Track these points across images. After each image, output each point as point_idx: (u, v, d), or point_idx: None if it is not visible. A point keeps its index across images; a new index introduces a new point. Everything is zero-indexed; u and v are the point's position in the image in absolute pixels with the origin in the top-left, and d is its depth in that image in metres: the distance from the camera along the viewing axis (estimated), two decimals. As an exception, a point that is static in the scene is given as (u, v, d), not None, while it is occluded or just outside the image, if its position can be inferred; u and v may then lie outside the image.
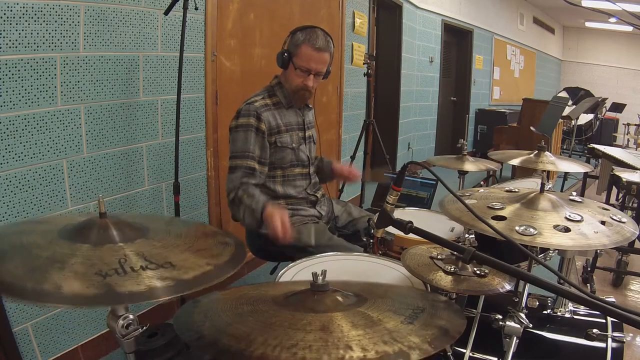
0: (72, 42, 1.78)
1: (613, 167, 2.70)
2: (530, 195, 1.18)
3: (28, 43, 1.63)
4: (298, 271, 1.36)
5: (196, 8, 2.23)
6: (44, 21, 1.67)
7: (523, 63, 9.39)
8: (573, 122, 6.05)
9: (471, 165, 2.11)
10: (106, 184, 1.99)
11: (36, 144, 1.70)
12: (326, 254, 1.50)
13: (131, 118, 2.08)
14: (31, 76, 1.65)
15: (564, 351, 1.23)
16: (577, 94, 8.33)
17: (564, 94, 8.18)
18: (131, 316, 0.79)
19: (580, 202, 1.19)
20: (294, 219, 1.84)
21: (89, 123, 1.89)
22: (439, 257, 1.15)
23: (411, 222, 0.94)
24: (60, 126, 1.77)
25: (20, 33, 1.60)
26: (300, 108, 1.92)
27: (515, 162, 2.00)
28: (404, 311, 0.82)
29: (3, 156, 1.60)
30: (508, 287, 1.07)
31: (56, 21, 1.71)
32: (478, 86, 7.52)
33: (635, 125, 7.29)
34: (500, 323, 1.11)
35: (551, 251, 1.40)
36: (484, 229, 1.00)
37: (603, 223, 1.08)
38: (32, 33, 1.64)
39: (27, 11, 1.61)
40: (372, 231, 1.61)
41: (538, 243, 1.00)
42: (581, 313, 1.30)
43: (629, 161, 2.73)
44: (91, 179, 1.92)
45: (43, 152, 1.73)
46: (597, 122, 8.19)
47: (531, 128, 4.66)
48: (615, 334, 1.17)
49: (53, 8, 1.69)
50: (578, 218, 1.07)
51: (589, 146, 3.19)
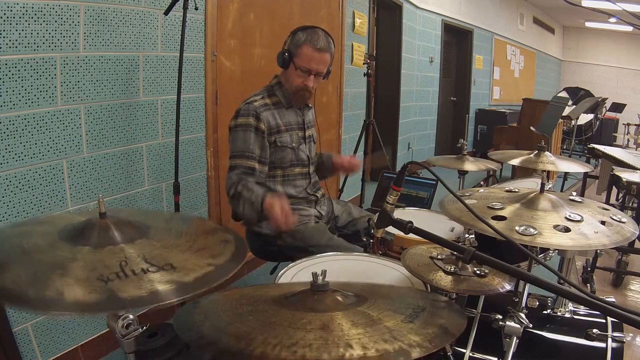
0: (72, 42, 1.78)
1: (613, 167, 2.70)
2: (530, 195, 1.18)
3: (28, 43, 1.63)
4: (298, 271, 1.36)
5: (196, 8, 2.23)
6: (44, 21, 1.67)
7: (523, 63, 9.39)
8: (573, 122, 6.05)
9: (471, 165, 2.11)
10: (106, 184, 1.99)
11: (36, 144, 1.70)
12: (326, 254, 1.50)
13: (131, 118, 2.08)
14: (31, 76, 1.65)
15: (564, 351, 1.23)
16: (577, 94, 8.33)
17: (564, 94, 8.18)
18: (131, 316, 0.79)
19: (580, 202, 1.19)
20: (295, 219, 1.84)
21: (89, 123, 1.89)
22: (439, 257, 1.15)
23: (411, 222, 0.94)
24: (60, 126, 1.77)
25: (20, 33, 1.60)
26: (300, 108, 1.91)
27: (515, 162, 2.00)
28: (404, 310, 0.82)
29: (3, 156, 1.60)
30: (508, 287, 1.07)
31: (56, 21, 1.71)
32: (478, 86, 7.52)
33: (635, 125, 7.29)
34: (500, 323, 1.11)
35: (551, 251, 1.40)
36: (484, 229, 1.00)
37: (603, 223, 1.08)
38: (32, 33, 1.64)
39: (27, 11, 1.61)
40: (372, 231, 1.60)
41: (538, 243, 1.00)
42: (581, 313, 1.30)
43: (629, 161, 2.73)
44: (91, 179, 1.92)
45: (43, 152, 1.73)
46: (597, 122, 8.19)
47: (531, 128, 4.66)
48: (615, 334, 1.17)
49: (53, 8, 1.69)
50: (578, 218, 1.07)
51: (589, 146, 3.19)
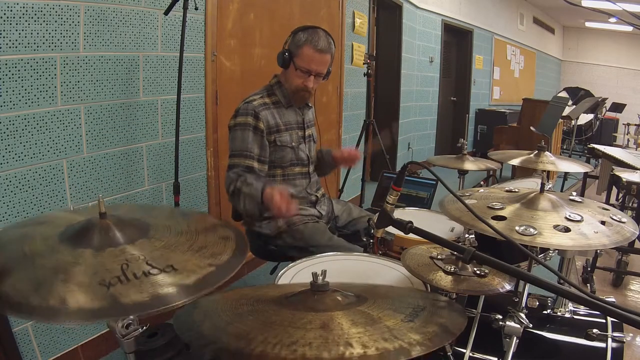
0: (72, 42, 1.78)
1: (613, 167, 2.70)
2: (530, 195, 1.18)
3: (28, 43, 1.63)
4: (298, 271, 1.36)
5: (196, 8, 2.23)
6: (44, 21, 1.67)
7: (523, 63, 9.39)
8: (573, 122, 6.05)
9: (471, 164, 2.11)
10: (106, 184, 1.99)
11: (36, 144, 1.70)
12: (326, 254, 1.50)
13: (131, 118, 2.08)
14: (31, 76, 1.65)
15: (564, 351, 1.23)
16: (577, 94, 8.33)
17: (564, 94, 8.17)
18: (131, 316, 0.79)
19: (580, 202, 1.19)
20: (295, 219, 1.84)
21: (89, 123, 1.89)
22: (439, 257, 1.15)
23: (411, 222, 0.94)
24: (60, 126, 1.77)
25: (20, 33, 1.60)
26: (300, 107, 1.91)
27: (515, 162, 2.00)
28: (405, 310, 0.83)
29: (3, 156, 1.60)
30: (508, 287, 1.07)
31: (56, 21, 1.71)
32: (478, 86, 7.52)
33: (635, 125, 7.29)
34: (500, 323, 1.11)
35: (551, 251, 1.40)
36: (484, 229, 1.00)
37: (603, 223, 1.08)
38: (32, 33, 1.64)
39: (27, 11, 1.61)
40: (372, 231, 1.60)
41: (538, 243, 1.00)
42: (581, 313, 1.30)
43: (629, 161, 2.73)
44: (91, 179, 1.92)
45: (43, 152, 1.73)
46: (597, 122, 8.19)
47: (531, 128, 4.66)
48: (615, 334, 1.16)
49: (53, 8, 1.69)
50: (578, 218, 1.07)
51: (589, 146, 3.19)
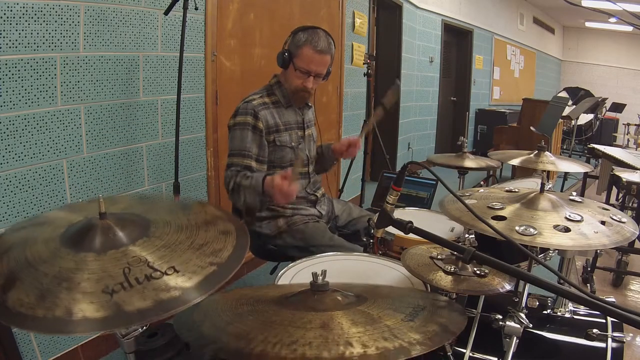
0: (72, 42, 1.78)
1: (613, 167, 2.70)
2: (530, 195, 1.18)
3: (28, 43, 1.63)
4: (298, 271, 1.36)
5: (196, 8, 2.23)
6: (44, 21, 1.67)
7: (523, 63, 9.39)
8: (573, 122, 6.05)
9: (471, 162, 2.11)
10: (106, 184, 1.99)
11: (36, 144, 1.70)
12: (326, 254, 1.50)
13: (131, 118, 2.08)
14: (31, 76, 1.65)
15: (564, 351, 1.22)
16: (577, 94, 8.33)
17: (564, 94, 8.17)
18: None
19: (580, 202, 1.19)
20: (295, 219, 1.84)
21: (89, 123, 1.89)
22: (439, 257, 1.15)
23: (411, 222, 0.94)
24: (60, 126, 1.77)
25: (20, 33, 1.60)
26: (299, 107, 1.91)
27: (515, 162, 2.00)
28: (405, 309, 0.83)
29: (3, 156, 1.60)
30: (508, 287, 1.07)
31: (56, 21, 1.71)
32: (478, 86, 7.52)
33: (635, 125, 7.29)
34: (500, 323, 1.11)
35: (551, 251, 1.40)
36: (484, 229, 1.00)
37: (603, 223, 1.08)
38: (32, 33, 1.64)
39: (27, 11, 1.61)
40: (372, 231, 1.61)
41: (538, 243, 1.00)
42: (581, 313, 1.30)
43: (629, 161, 2.72)
44: (91, 179, 1.92)
45: (43, 152, 1.73)
46: (597, 122, 8.19)
47: (531, 128, 4.66)
48: (615, 334, 1.16)
49: (53, 8, 1.69)
50: (578, 218, 1.07)
51: (589, 146, 3.18)
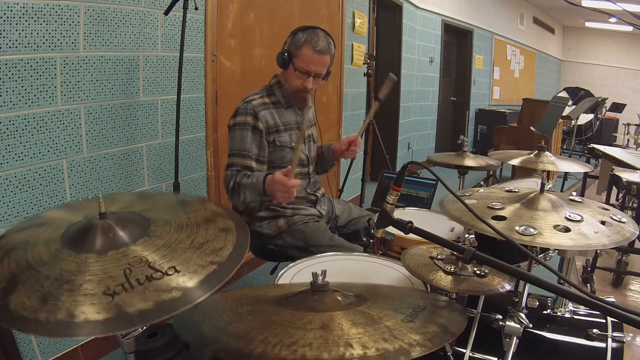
0: (72, 42, 1.78)
1: (613, 167, 2.70)
2: (530, 195, 1.18)
3: (28, 43, 1.63)
4: (298, 271, 1.36)
5: (196, 8, 2.23)
6: (44, 21, 1.67)
7: (523, 63, 9.39)
8: (573, 122, 6.05)
9: (471, 161, 2.11)
10: (106, 184, 1.99)
11: (36, 144, 1.70)
12: (326, 254, 1.50)
13: (131, 118, 2.08)
14: (31, 76, 1.65)
15: (564, 351, 1.22)
16: (577, 94, 8.33)
17: (564, 94, 8.18)
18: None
19: (580, 202, 1.19)
20: (295, 218, 1.84)
21: (89, 123, 1.89)
22: (439, 257, 1.15)
23: (411, 222, 0.94)
24: (60, 126, 1.77)
25: (20, 33, 1.60)
26: (299, 107, 1.91)
27: (515, 162, 2.00)
28: (405, 310, 0.83)
29: (3, 156, 1.60)
30: (508, 287, 1.07)
31: (56, 21, 1.71)
32: (478, 86, 7.52)
33: (635, 125, 7.29)
34: (500, 323, 1.11)
35: (551, 251, 1.40)
36: (484, 229, 1.00)
37: (603, 223, 1.08)
38: (32, 33, 1.64)
39: (27, 11, 1.61)
40: (372, 231, 1.61)
41: (538, 243, 1.00)
42: (581, 313, 1.30)
43: (629, 161, 2.72)
44: (91, 179, 1.92)
45: (43, 152, 1.73)
46: (597, 122, 8.20)
47: (531, 128, 4.66)
48: (615, 334, 1.16)
49: (53, 8, 1.69)
50: (578, 218, 1.07)
51: (589, 146, 3.18)
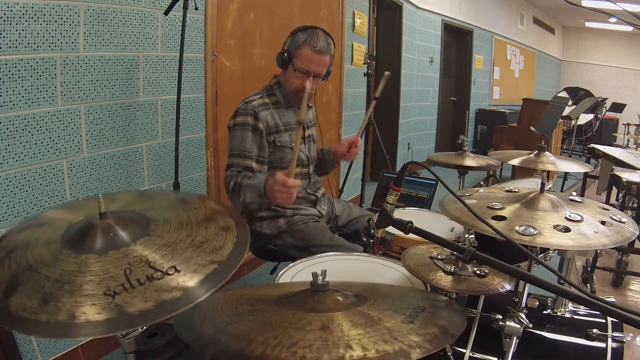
0: (72, 42, 1.78)
1: (613, 167, 2.70)
2: (530, 195, 1.18)
3: (28, 43, 1.63)
4: (298, 271, 1.36)
5: (196, 8, 2.23)
6: (44, 21, 1.67)
7: (523, 63, 9.39)
8: (573, 122, 6.05)
9: (471, 161, 2.11)
10: (106, 184, 1.99)
11: (36, 144, 1.70)
12: (326, 254, 1.50)
13: (131, 118, 2.08)
14: (31, 76, 1.65)
15: (564, 351, 1.22)
16: (577, 94, 8.33)
17: (564, 94, 8.17)
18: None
19: (580, 202, 1.19)
20: (295, 218, 1.84)
21: (89, 123, 1.89)
22: (439, 257, 1.15)
23: (411, 222, 0.94)
24: (60, 126, 1.77)
25: (20, 33, 1.60)
26: (299, 108, 1.91)
27: (515, 162, 2.00)
28: (404, 310, 0.82)
29: (3, 156, 1.60)
30: (508, 287, 1.07)
31: (56, 21, 1.71)
32: (478, 86, 7.52)
33: (635, 125, 7.29)
34: (500, 323, 1.11)
35: (551, 251, 1.40)
36: (484, 229, 1.00)
37: (603, 223, 1.08)
38: (32, 33, 1.64)
39: (27, 11, 1.61)
40: (372, 231, 1.60)
41: (538, 243, 1.00)
42: (581, 313, 1.30)
43: (629, 161, 2.72)
44: (91, 179, 1.92)
45: (43, 152, 1.73)
46: (597, 122, 8.19)
47: (531, 128, 4.66)
48: (615, 334, 1.16)
49: (53, 8, 1.69)
50: (578, 218, 1.07)
51: (589, 146, 3.18)
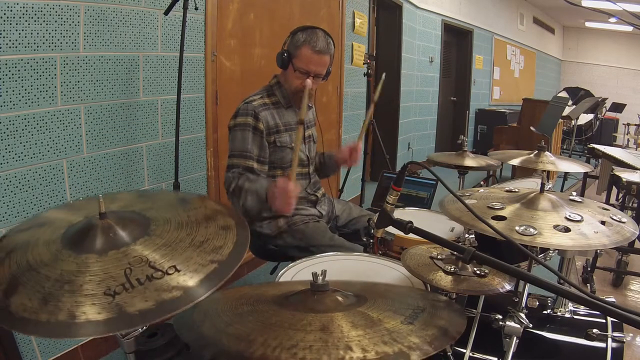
0: (72, 42, 1.78)
1: (613, 167, 2.70)
2: (530, 195, 1.18)
3: (28, 43, 1.63)
4: (298, 271, 1.36)
5: (196, 8, 2.23)
6: (44, 21, 1.67)
7: (523, 63, 9.39)
8: (573, 122, 6.05)
9: (471, 161, 2.11)
10: (106, 184, 1.99)
11: (36, 144, 1.70)
12: (326, 254, 1.50)
13: (131, 118, 2.08)
14: (31, 76, 1.65)
15: (564, 351, 1.22)
16: (577, 94, 8.33)
17: (564, 94, 8.17)
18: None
19: (580, 202, 1.19)
20: (295, 219, 1.84)
21: (89, 123, 1.89)
22: (439, 257, 1.15)
23: (411, 222, 0.94)
24: (60, 126, 1.77)
25: (20, 33, 1.60)
26: (300, 108, 1.91)
27: (515, 162, 2.00)
28: (404, 311, 0.82)
29: (3, 156, 1.60)
30: (508, 287, 1.07)
31: (56, 21, 1.71)
32: (478, 86, 7.52)
33: (635, 125, 7.29)
34: (500, 323, 1.11)
35: (551, 251, 1.40)
36: (484, 229, 1.00)
37: (603, 223, 1.08)
38: (32, 33, 1.64)
39: (27, 11, 1.61)
40: (372, 231, 1.60)
41: (538, 243, 1.00)
42: (581, 313, 1.30)
43: (629, 161, 2.72)
44: (91, 179, 1.92)
45: (43, 152, 1.73)
46: (597, 122, 8.19)
47: (531, 128, 4.66)
48: (615, 334, 1.16)
49: (53, 8, 1.69)
50: (578, 218, 1.07)
51: (589, 146, 3.18)
